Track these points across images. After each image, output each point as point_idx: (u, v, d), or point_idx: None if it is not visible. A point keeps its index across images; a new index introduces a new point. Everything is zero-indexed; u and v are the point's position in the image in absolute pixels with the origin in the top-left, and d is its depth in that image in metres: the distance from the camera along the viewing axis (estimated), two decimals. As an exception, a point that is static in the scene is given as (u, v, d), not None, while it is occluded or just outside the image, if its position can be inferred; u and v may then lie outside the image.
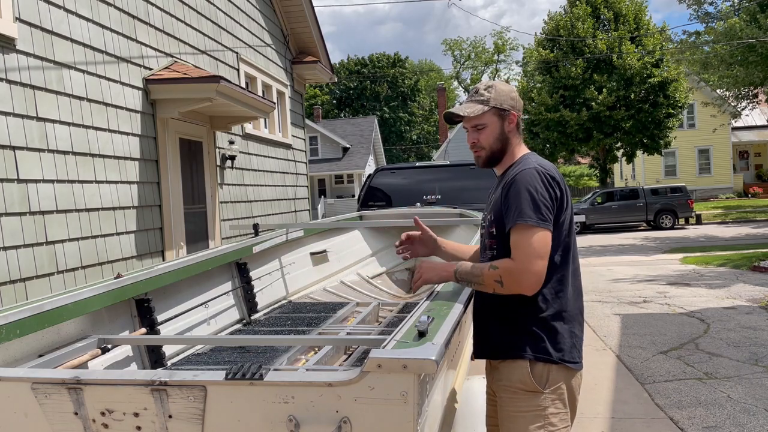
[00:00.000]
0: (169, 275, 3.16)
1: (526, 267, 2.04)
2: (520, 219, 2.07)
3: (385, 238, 6.21)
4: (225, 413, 1.53)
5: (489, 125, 2.29)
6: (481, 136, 2.29)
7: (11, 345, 2.20)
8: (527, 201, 2.09)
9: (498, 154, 2.31)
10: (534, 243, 2.05)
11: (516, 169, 2.21)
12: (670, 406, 4.65)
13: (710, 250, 14.59)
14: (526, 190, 2.11)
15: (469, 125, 2.31)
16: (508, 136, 2.29)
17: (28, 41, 4.79)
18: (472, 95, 2.33)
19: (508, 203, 2.14)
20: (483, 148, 2.31)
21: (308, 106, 42.76)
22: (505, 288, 2.07)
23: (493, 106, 2.28)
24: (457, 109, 2.33)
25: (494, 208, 2.24)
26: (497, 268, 2.08)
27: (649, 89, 25.58)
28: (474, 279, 2.14)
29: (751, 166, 35.50)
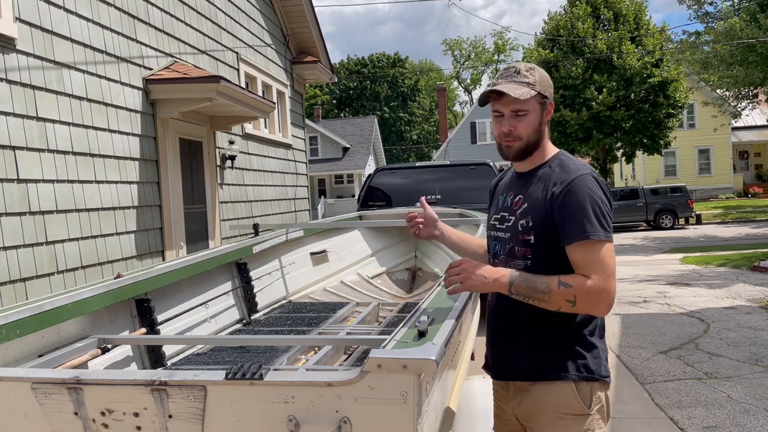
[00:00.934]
0: (169, 275, 3.16)
1: (605, 287, 1.84)
2: (592, 234, 1.86)
3: (385, 238, 6.21)
4: (225, 413, 1.53)
5: (531, 112, 1.99)
6: (520, 124, 1.99)
7: (11, 345, 2.20)
8: (595, 213, 1.88)
9: (533, 147, 2.03)
10: (609, 260, 1.87)
11: (561, 173, 1.97)
12: (670, 406, 4.65)
13: (710, 250, 14.59)
14: (592, 200, 1.89)
15: (509, 109, 1.98)
16: (543, 128, 2.03)
17: (28, 41, 4.79)
18: (512, 75, 2.00)
19: (567, 213, 1.89)
20: (519, 138, 2.00)
21: (308, 106, 42.77)
22: (576, 308, 1.86)
23: (538, 91, 1.98)
24: (506, 87, 1.97)
25: (533, 213, 1.97)
26: (571, 286, 1.84)
27: (649, 89, 25.57)
28: (536, 295, 1.86)
29: (751, 166, 35.50)
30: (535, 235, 1.95)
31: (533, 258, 1.96)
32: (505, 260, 2.04)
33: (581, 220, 1.86)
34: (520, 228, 1.99)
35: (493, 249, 2.12)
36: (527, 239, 1.96)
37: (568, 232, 1.88)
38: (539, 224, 1.94)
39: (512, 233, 2.01)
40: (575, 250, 1.88)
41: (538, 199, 1.97)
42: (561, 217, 1.90)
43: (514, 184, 2.11)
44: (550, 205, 1.93)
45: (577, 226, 1.87)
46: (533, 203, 1.98)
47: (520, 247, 1.98)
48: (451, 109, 60.11)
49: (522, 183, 2.07)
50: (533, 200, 1.99)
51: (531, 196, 2.00)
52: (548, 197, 1.94)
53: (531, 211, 1.98)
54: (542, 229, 1.94)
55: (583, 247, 1.86)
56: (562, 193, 1.92)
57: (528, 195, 2.02)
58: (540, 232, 1.94)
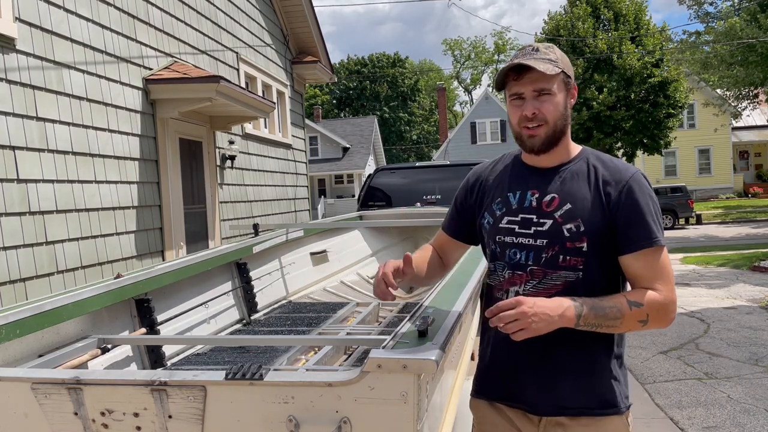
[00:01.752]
0: (169, 275, 3.16)
1: (673, 299, 1.69)
2: (658, 240, 1.68)
3: (385, 238, 6.21)
4: (225, 413, 1.53)
5: (557, 93, 1.72)
6: (545, 106, 1.71)
7: (11, 345, 2.19)
8: (656, 215, 1.70)
9: (559, 135, 1.76)
10: (670, 267, 1.71)
11: (609, 170, 1.75)
12: (670, 406, 4.65)
13: (710, 250, 14.58)
14: (653, 201, 1.71)
15: (531, 89, 1.71)
16: (568, 113, 1.77)
17: (27, 41, 4.79)
18: (530, 53, 1.73)
19: (632, 217, 1.68)
20: (545, 123, 1.72)
21: (308, 106, 42.77)
22: (646, 326, 1.69)
23: (562, 69, 1.73)
24: (530, 60, 1.70)
25: (583, 216, 1.70)
26: (642, 305, 1.65)
27: (649, 89, 25.58)
28: (607, 323, 1.65)
29: (752, 166, 35.50)
30: (589, 242, 1.69)
31: (585, 268, 1.71)
32: (543, 272, 1.73)
33: (647, 225, 1.68)
34: (566, 233, 1.71)
35: (511, 259, 1.78)
36: (578, 246, 1.70)
37: (632, 237, 1.68)
38: (594, 229, 1.69)
39: (552, 239, 1.72)
40: (639, 259, 1.68)
41: (587, 200, 1.72)
42: (624, 221, 1.68)
43: (530, 180, 1.81)
44: (607, 207, 1.70)
45: (644, 231, 1.67)
46: (580, 204, 1.72)
47: (568, 256, 1.71)
48: (451, 109, 60.11)
49: (546, 180, 1.78)
50: (579, 200, 1.72)
51: (574, 196, 1.73)
52: (602, 197, 1.71)
53: (579, 213, 1.71)
54: (597, 234, 1.69)
55: (649, 255, 1.68)
56: (622, 193, 1.70)
57: (567, 194, 1.74)
58: (594, 238, 1.69)
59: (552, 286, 1.72)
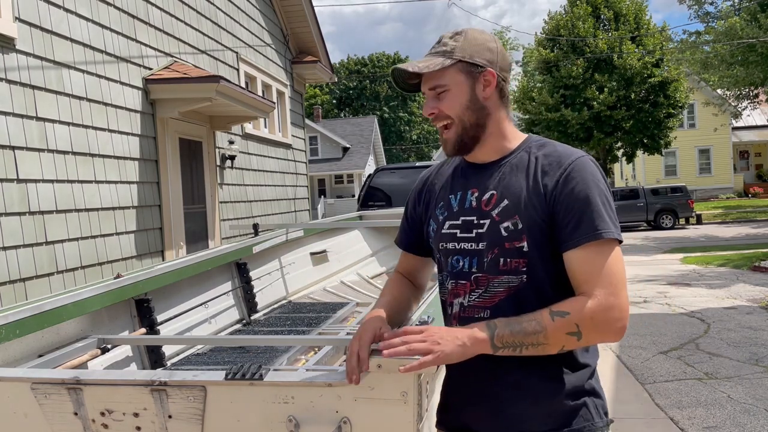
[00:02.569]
0: (169, 275, 3.15)
1: (615, 303, 1.41)
2: (605, 232, 1.44)
3: (385, 238, 6.21)
4: (225, 413, 1.53)
5: (453, 86, 1.54)
6: (442, 104, 1.55)
7: (11, 345, 2.19)
8: (604, 205, 1.47)
9: (472, 130, 1.56)
10: (618, 266, 1.44)
11: (550, 157, 1.54)
12: (670, 407, 4.65)
13: (710, 250, 14.59)
14: (599, 189, 1.48)
15: (426, 88, 1.57)
16: (484, 104, 1.55)
17: (27, 41, 4.79)
18: (433, 47, 1.60)
19: (571, 208, 1.46)
20: (448, 120, 1.56)
21: (308, 106, 42.76)
22: (584, 340, 1.42)
23: (459, 58, 1.54)
24: (406, 64, 1.56)
25: (521, 212, 1.50)
26: (567, 314, 1.40)
27: (649, 89, 25.60)
28: (528, 340, 1.41)
29: (752, 166, 35.51)
30: (529, 241, 1.48)
31: (529, 271, 1.49)
32: (486, 279, 1.53)
33: (590, 216, 1.44)
34: (504, 233, 1.50)
35: (454, 268, 1.58)
36: (518, 246, 1.49)
37: (572, 231, 1.45)
38: (533, 226, 1.48)
39: (491, 241, 1.52)
40: (578, 256, 1.45)
41: (524, 193, 1.51)
42: (562, 212, 1.46)
43: (471, 179, 1.61)
44: (545, 199, 1.49)
45: (585, 224, 1.44)
46: (517, 199, 1.51)
47: (509, 258, 1.50)
48: (451, 109, 60.00)
49: (484, 176, 1.59)
50: (516, 195, 1.51)
51: (511, 190, 1.53)
52: (540, 189, 1.50)
53: (517, 210, 1.50)
54: (538, 232, 1.48)
55: (590, 250, 1.44)
56: (560, 181, 1.48)
57: (505, 189, 1.54)
58: (535, 235, 1.48)
59: (495, 294, 1.51)
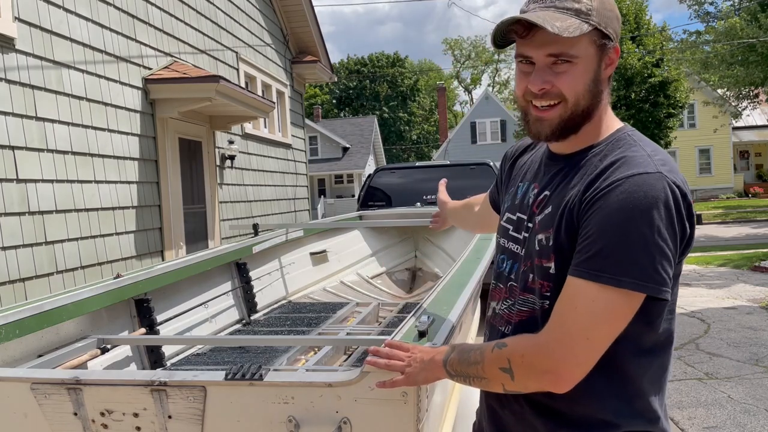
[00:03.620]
0: (168, 275, 3.15)
1: (557, 354, 1.14)
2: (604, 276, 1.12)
3: (385, 238, 6.21)
4: (224, 414, 1.53)
5: (581, 61, 1.21)
6: (562, 80, 1.21)
7: (11, 345, 2.19)
8: (632, 242, 1.11)
9: (580, 117, 1.24)
10: (601, 315, 1.13)
11: (610, 161, 1.21)
12: (670, 407, 4.65)
13: (711, 250, 14.58)
14: (634, 220, 1.12)
15: (544, 53, 1.21)
16: (602, 88, 1.25)
17: (27, 41, 4.79)
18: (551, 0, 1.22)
19: (588, 229, 1.16)
20: (561, 100, 1.23)
21: (308, 106, 42.76)
22: (517, 381, 1.19)
23: (595, 24, 1.20)
24: (540, 16, 1.18)
25: (556, 225, 1.23)
26: (505, 345, 1.21)
27: (649, 89, 25.61)
28: (469, 370, 1.25)
29: (752, 166, 35.51)
30: (558, 262, 1.22)
31: (552, 297, 1.22)
32: (516, 291, 1.33)
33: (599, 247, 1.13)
34: (537, 246, 1.26)
35: (499, 267, 1.40)
36: (546, 267, 1.24)
37: (577, 257, 1.17)
38: (561, 244, 1.21)
39: (527, 251, 1.30)
40: (568, 285, 1.18)
41: (566, 204, 1.23)
42: (583, 233, 1.17)
43: (541, 171, 1.36)
44: (577, 215, 1.19)
45: (591, 253, 1.14)
46: (558, 209, 1.24)
47: (536, 277, 1.26)
48: (451, 109, 60.10)
49: (552, 171, 1.33)
50: (560, 204, 1.24)
51: (559, 196, 1.26)
52: (581, 204, 1.19)
53: (553, 222, 1.24)
54: (566, 253, 1.21)
55: (576, 286, 1.15)
56: (596, 197, 1.17)
57: (555, 193, 1.28)
58: (563, 256, 1.21)
59: (518, 311, 1.31)
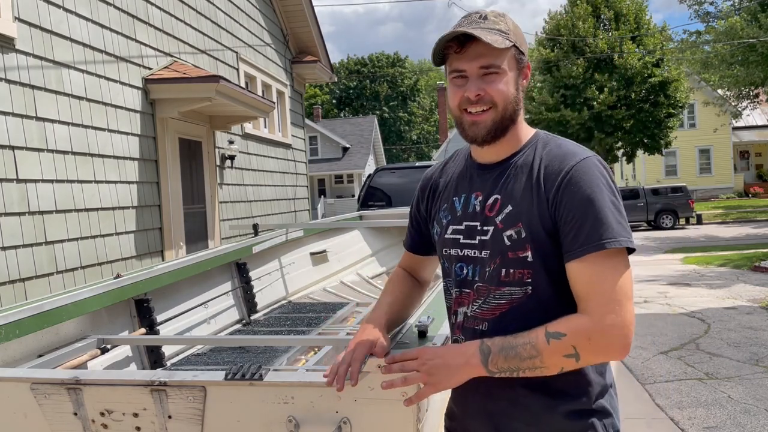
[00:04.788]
0: (168, 275, 3.15)
1: (615, 322, 1.34)
2: (609, 241, 1.33)
3: (385, 238, 6.21)
4: (224, 414, 1.53)
5: (507, 71, 1.43)
6: (492, 87, 1.41)
7: (10, 345, 2.19)
8: (612, 211, 1.35)
9: (508, 122, 1.45)
10: (624, 278, 1.37)
11: (553, 157, 1.43)
12: (670, 407, 4.64)
13: (711, 250, 14.58)
14: (605, 193, 1.37)
15: (476, 66, 1.41)
16: (520, 97, 1.48)
17: (27, 41, 4.79)
18: (477, 21, 1.44)
19: (573, 214, 1.35)
20: (492, 106, 1.42)
21: (308, 106, 42.77)
22: (582, 361, 1.34)
23: (513, 43, 1.43)
24: (476, 29, 1.40)
25: (525, 219, 1.41)
26: (563, 335, 1.31)
27: (649, 89, 25.60)
28: (524, 364, 1.33)
29: (752, 166, 35.51)
30: (533, 251, 1.39)
31: (534, 283, 1.41)
32: (487, 289, 1.45)
33: (592, 224, 1.34)
34: (507, 241, 1.41)
35: (458, 276, 1.51)
36: (522, 256, 1.40)
37: (573, 241, 1.35)
38: (537, 234, 1.39)
39: (494, 249, 1.43)
40: (579, 268, 1.35)
41: (527, 198, 1.42)
42: (564, 220, 1.37)
43: (476, 180, 1.52)
44: (547, 205, 1.39)
45: (587, 233, 1.34)
46: (520, 204, 1.42)
47: (512, 269, 1.42)
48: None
49: (490, 178, 1.49)
50: (519, 200, 1.42)
51: (514, 195, 1.44)
52: (543, 193, 1.40)
53: (520, 217, 1.41)
54: (542, 240, 1.39)
55: (591, 262, 1.33)
56: (562, 185, 1.38)
57: (508, 194, 1.44)
58: (539, 245, 1.39)
59: (496, 306, 1.43)
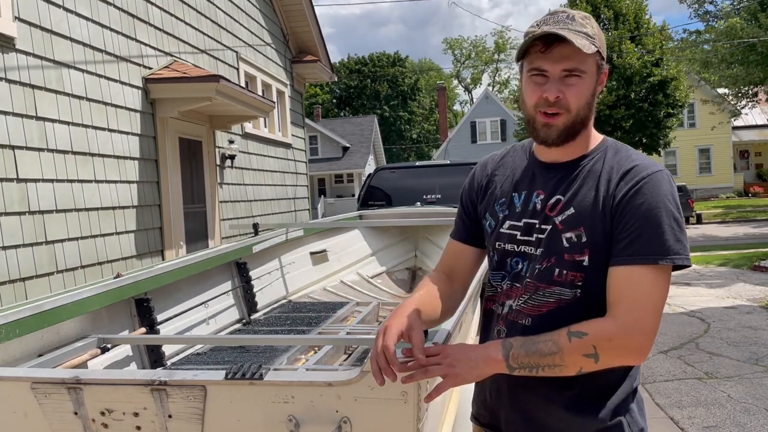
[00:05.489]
0: (168, 275, 3.15)
1: (641, 328, 1.35)
2: (661, 258, 1.36)
3: (385, 237, 6.21)
4: (225, 413, 1.53)
5: (588, 76, 1.44)
6: (571, 91, 1.43)
7: (11, 345, 2.19)
8: (670, 228, 1.37)
9: (579, 127, 1.49)
10: (662, 292, 1.38)
11: (624, 166, 1.45)
12: (670, 406, 4.65)
13: (710, 249, 14.58)
14: (667, 208, 1.39)
15: (560, 68, 1.42)
16: (594, 102, 1.51)
17: (27, 40, 4.79)
18: (564, 21, 1.43)
19: (635, 224, 1.38)
20: (567, 111, 1.44)
21: (308, 105, 42.75)
22: (601, 363, 1.37)
23: (598, 47, 1.44)
24: (566, 30, 1.40)
25: (586, 224, 1.43)
26: (585, 334, 1.35)
27: (649, 88, 25.60)
28: (544, 361, 1.37)
29: (752, 166, 35.51)
30: (591, 256, 1.41)
31: (584, 287, 1.43)
32: (534, 286, 1.48)
33: (652, 237, 1.36)
34: (565, 243, 1.44)
35: (513, 270, 1.53)
36: (578, 260, 1.42)
37: (626, 247, 1.38)
38: (597, 240, 1.41)
39: (549, 249, 1.46)
40: (623, 274, 1.38)
41: (592, 203, 1.43)
42: (622, 226, 1.39)
43: (538, 179, 1.54)
44: (610, 212, 1.41)
45: (644, 244, 1.36)
46: (584, 209, 1.44)
47: (565, 270, 1.44)
48: (452, 109, 60.10)
49: (554, 178, 1.51)
50: (584, 204, 1.44)
51: (578, 199, 1.46)
52: (609, 200, 1.42)
53: (582, 221, 1.43)
54: (600, 246, 1.41)
55: (637, 272, 1.36)
56: (629, 194, 1.40)
57: (573, 196, 1.47)
58: (597, 250, 1.41)
59: (543, 303, 1.47)
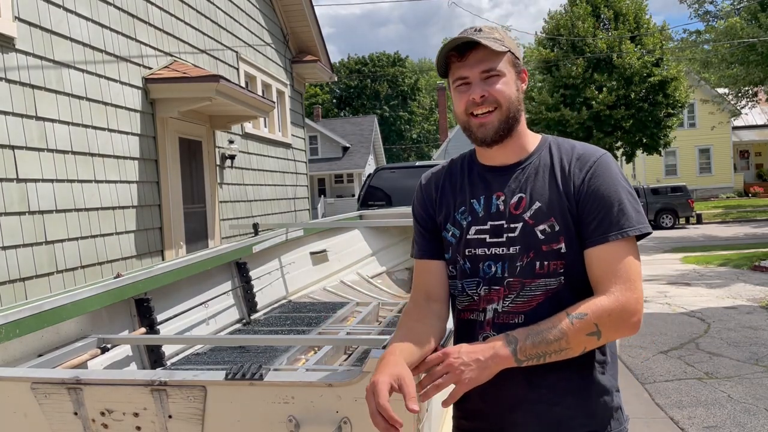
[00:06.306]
0: (168, 275, 3.15)
1: (633, 296, 1.44)
2: (629, 229, 1.47)
3: (385, 237, 6.21)
4: (225, 413, 1.53)
5: (506, 74, 1.53)
6: (495, 88, 1.51)
7: (10, 345, 2.19)
8: (628, 201, 1.50)
9: (512, 122, 1.55)
10: (637, 260, 1.49)
11: (573, 156, 1.56)
12: (670, 406, 4.65)
13: (711, 249, 14.58)
14: (621, 185, 1.52)
15: (478, 71, 1.52)
16: (521, 99, 1.58)
17: (27, 40, 4.79)
18: (472, 33, 1.54)
19: (597, 205, 1.49)
20: (497, 106, 1.52)
21: (308, 105, 42.75)
22: (603, 339, 1.45)
23: (509, 49, 1.55)
24: (475, 33, 1.53)
25: (556, 213, 1.52)
26: (585, 315, 1.42)
27: (649, 88, 25.59)
28: (552, 348, 1.42)
29: (752, 166, 35.51)
30: (566, 242, 1.50)
31: (567, 272, 1.51)
32: (520, 283, 1.52)
33: (615, 213, 1.48)
34: (540, 236, 1.51)
35: (486, 273, 1.56)
36: (556, 248, 1.51)
37: (596, 229, 1.48)
38: (568, 226, 1.51)
39: (525, 245, 1.52)
40: (600, 252, 1.47)
41: (555, 194, 1.53)
42: (588, 210, 1.49)
43: (493, 182, 1.60)
44: (574, 198, 1.51)
45: (610, 221, 1.47)
46: (550, 200, 1.53)
47: (546, 261, 1.51)
48: (451, 109, 60.08)
49: (509, 178, 1.59)
50: (548, 197, 1.53)
51: (541, 192, 1.54)
52: (570, 188, 1.52)
53: (552, 212, 1.52)
54: (572, 232, 1.51)
55: (611, 247, 1.46)
56: (586, 179, 1.51)
57: (534, 191, 1.55)
58: (570, 235, 1.51)
59: (532, 298, 1.51)
